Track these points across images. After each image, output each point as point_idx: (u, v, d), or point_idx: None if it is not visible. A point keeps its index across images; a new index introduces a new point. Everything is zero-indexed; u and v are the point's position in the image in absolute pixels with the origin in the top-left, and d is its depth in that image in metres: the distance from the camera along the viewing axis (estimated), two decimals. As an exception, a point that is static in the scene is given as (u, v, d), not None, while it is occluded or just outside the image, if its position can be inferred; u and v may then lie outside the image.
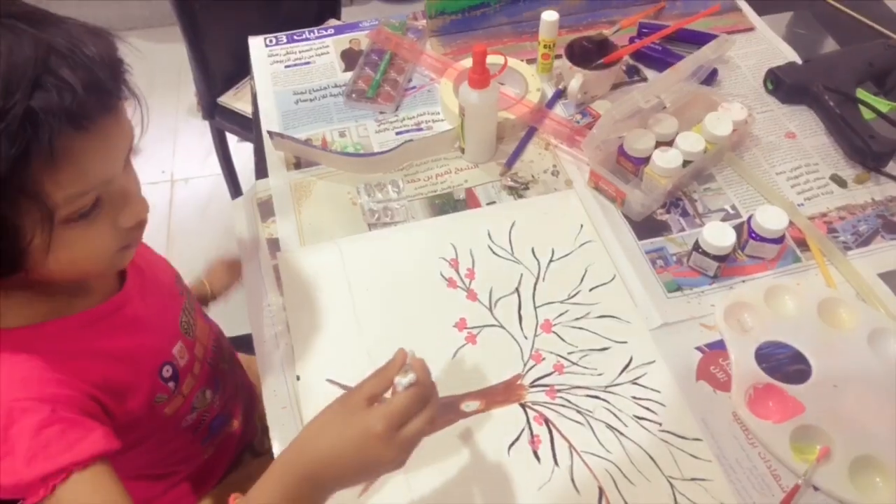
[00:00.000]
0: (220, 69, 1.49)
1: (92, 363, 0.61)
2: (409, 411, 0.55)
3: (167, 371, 0.70)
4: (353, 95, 0.99)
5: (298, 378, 0.72)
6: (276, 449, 0.68)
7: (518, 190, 0.89)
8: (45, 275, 0.54)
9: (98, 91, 0.49)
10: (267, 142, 0.93)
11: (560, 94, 0.99)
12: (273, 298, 0.79)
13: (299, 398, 0.71)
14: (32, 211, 0.48)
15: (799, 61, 1.03)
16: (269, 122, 0.98)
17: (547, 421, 0.69)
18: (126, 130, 0.54)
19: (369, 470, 0.57)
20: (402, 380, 0.56)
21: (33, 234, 0.50)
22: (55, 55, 0.47)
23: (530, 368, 0.73)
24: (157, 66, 2.10)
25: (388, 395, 0.57)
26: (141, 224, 0.58)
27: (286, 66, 1.06)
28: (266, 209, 0.87)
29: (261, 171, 0.92)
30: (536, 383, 0.72)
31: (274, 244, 0.84)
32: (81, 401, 0.58)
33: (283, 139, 0.90)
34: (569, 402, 0.71)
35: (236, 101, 1.49)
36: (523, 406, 0.71)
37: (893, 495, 0.63)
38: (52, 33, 0.48)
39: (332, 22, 1.59)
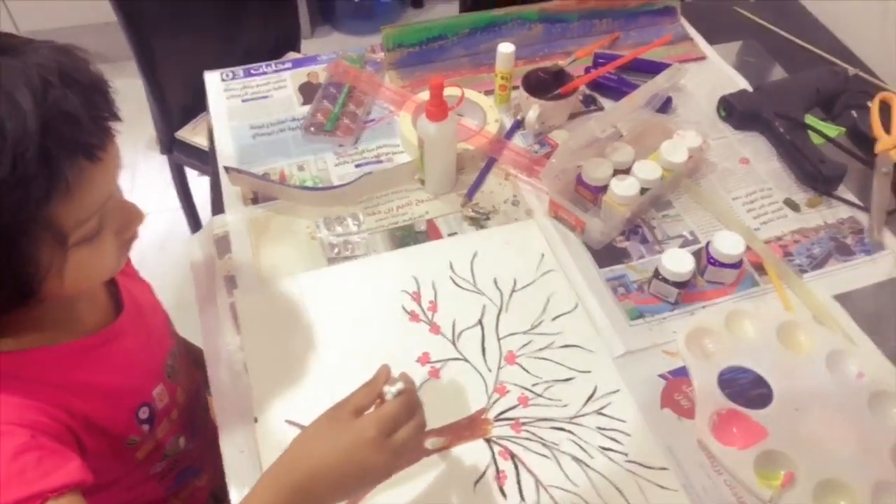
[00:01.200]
0: (178, 103, 1.47)
1: (73, 395, 0.59)
2: (400, 417, 0.56)
3: (143, 413, 0.68)
4: (312, 129, 0.98)
5: (256, 420, 0.70)
6: (234, 497, 0.65)
7: (479, 220, 0.89)
8: (55, 295, 0.54)
9: (99, 119, 0.50)
10: (224, 177, 0.92)
11: (518, 125, 1.00)
12: (230, 338, 0.77)
13: (257, 441, 0.69)
14: (48, 241, 0.50)
15: (750, 89, 1.06)
16: (226, 157, 0.96)
17: (512, 456, 0.68)
18: (117, 146, 0.54)
19: (362, 477, 0.56)
20: (391, 388, 0.57)
21: (50, 263, 0.50)
22: (51, 88, 0.47)
23: (495, 402, 0.72)
24: (115, 101, 2.06)
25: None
26: (136, 234, 0.61)
27: (243, 101, 1.05)
28: (223, 245, 0.86)
29: (217, 206, 0.90)
30: (501, 417, 0.71)
31: (231, 281, 0.82)
32: (59, 431, 0.57)
33: (239, 174, 0.89)
34: (534, 434, 0.70)
35: (195, 135, 1.47)
36: (488, 441, 0.69)
37: (858, 518, 0.63)
38: (32, 61, 0.47)
39: (292, 55, 1.59)
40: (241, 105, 1.04)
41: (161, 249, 1.83)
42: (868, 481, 0.64)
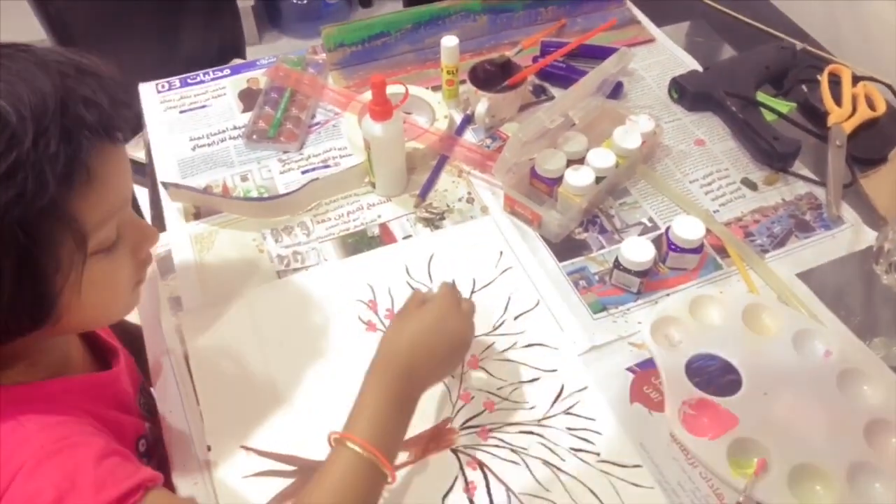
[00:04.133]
0: (118, 118, 1.41)
1: (96, 422, 0.57)
2: (455, 292, 0.66)
3: (142, 445, 0.67)
4: (254, 136, 0.94)
5: (210, 448, 0.66)
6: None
7: (434, 221, 0.86)
8: (68, 326, 0.53)
9: (117, 104, 0.50)
10: (163, 193, 0.87)
11: (468, 120, 0.97)
12: (177, 362, 0.73)
13: (211, 469, 0.65)
14: (68, 241, 0.48)
15: (700, 69, 1.04)
16: (165, 171, 0.92)
17: (481, 465, 0.66)
18: (126, 151, 0.54)
19: (451, 344, 0.63)
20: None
21: (70, 268, 0.49)
22: (68, 77, 0.47)
23: (460, 409, 0.69)
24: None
25: None
26: (150, 257, 0.62)
27: (181, 112, 1.00)
28: (165, 266, 0.81)
29: (158, 224, 0.86)
30: (467, 425, 0.68)
31: (176, 303, 0.78)
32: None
33: (178, 189, 0.85)
34: (502, 441, 0.67)
35: (138, 150, 1.40)
36: (455, 451, 0.66)
37: (835, 501, 0.61)
38: (47, 56, 0.48)
39: (236, 62, 1.53)
40: (179, 116, 0.99)
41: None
42: (842, 464, 0.63)
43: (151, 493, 0.52)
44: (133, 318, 0.78)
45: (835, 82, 1.00)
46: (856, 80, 1.00)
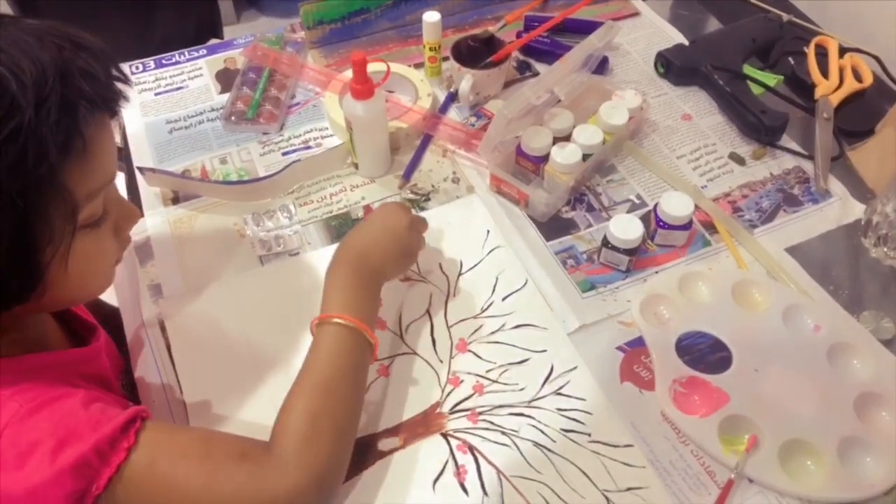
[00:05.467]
0: (94, 102, 1.37)
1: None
2: (404, 206, 0.72)
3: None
4: (233, 118, 0.92)
5: (194, 439, 0.65)
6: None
7: (419, 202, 0.85)
8: (50, 301, 0.53)
9: (111, 77, 0.51)
10: (140, 178, 0.85)
11: (452, 98, 0.95)
12: (159, 351, 0.71)
13: (197, 461, 0.64)
14: (61, 212, 0.48)
15: (686, 42, 1.03)
16: (142, 156, 0.89)
17: (471, 448, 0.65)
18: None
19: (396, 235, 0.68)
20: None
21: (61, 238, 0.49)
22: (64, 50, 0.47)
23: (449, 393, 0.68)
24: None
25: None
26: (128, 239, 0.62)
27: (156, 94, 0.97)
28: (144, 253, 0.79)
29: (136, 210, 0.84)
30: (456, 409, 0.67)
31: (156, 290, 0.76)
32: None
33: (155, 174, 0.82)
34: (492, 423, 0.66)
35: (116, 135, 1.37)
36: (445, 436, 0.66)
37: (826, 476, 0.61)
38: (41, 28, 0.48)
39: (214, 42, 1.49)
40: (155, 98, 0.97)
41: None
42: (833, 438, 0.63)
43: (148, 422, 0.52)
44: (112, 300, 0.77)
45: (822, 54, 0.99)
46: (842, 51, 0.99)
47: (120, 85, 0.52)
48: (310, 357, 0.60)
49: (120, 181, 0.94)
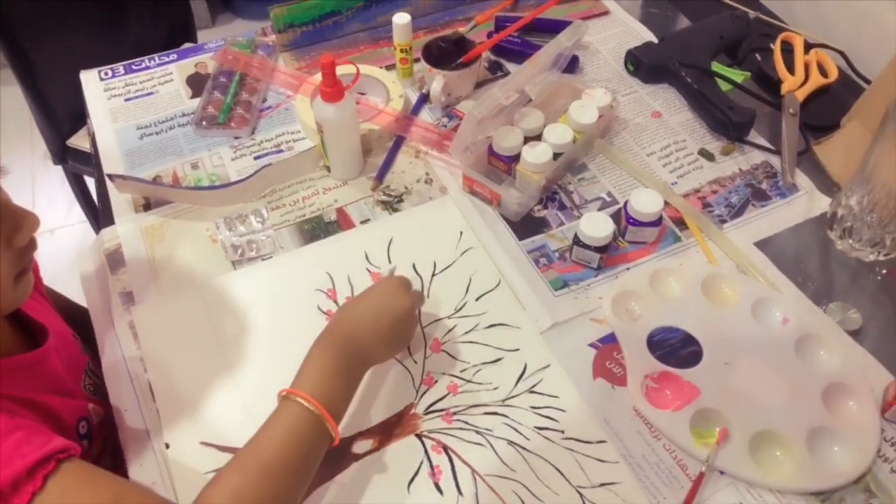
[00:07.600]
0: (65, 108, 1.36)
1: (19, 406, 0.56)
2: (404, 278, 0.68)
3: (83, 427, 0.65)
4: (204, 123, 0.91)
5: (168, 446, 0.65)
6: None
7: (392, 203, 0.85)
8: None
9: None
10: (111, 185, 0.84)
11: (424, 99, 0.95)
12: (132, 359, 0.71)
13: (170, 468, 0.64)
14: None
15: (655, 40, 1.04)
16: (112, 162, 0.88)
17: (446, 448, 0.65)
18: None
19: (395, 320, 0.64)
20: (387, 269, 0.71)
21: None
22: None
23: (423, 394, 0.69)
24: (1, 112, 1.92)
25: None
26: (33, 244, 0.57)
27: (126, 100, 0.96)
28: (115, 260, 0.79)
29: (107, 217, 0.83)
30: (431, 409, 0.68)
31: (128, 298, 0.75)
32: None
33: (125, 181, 0.82)
34: (467, 423, 0.67)
35: (83, 140, 1.36)
36: (419, 436, 0.66)
37: (796, 467, 0.62)
38: None
39: (187, 46, 1.49)
40: (125, 104, 0.96)
41: (73, 265, 1.71)
42: (802, 429, 0.64)
43: (66, 463, 0.50)
44: (80, 299, 0.76)
45: (788, 50, 1.00)
46: (808, 47, 1.01)
47: None
48: (262, 430, 0.56)
49: (91, 187, 0.93)
